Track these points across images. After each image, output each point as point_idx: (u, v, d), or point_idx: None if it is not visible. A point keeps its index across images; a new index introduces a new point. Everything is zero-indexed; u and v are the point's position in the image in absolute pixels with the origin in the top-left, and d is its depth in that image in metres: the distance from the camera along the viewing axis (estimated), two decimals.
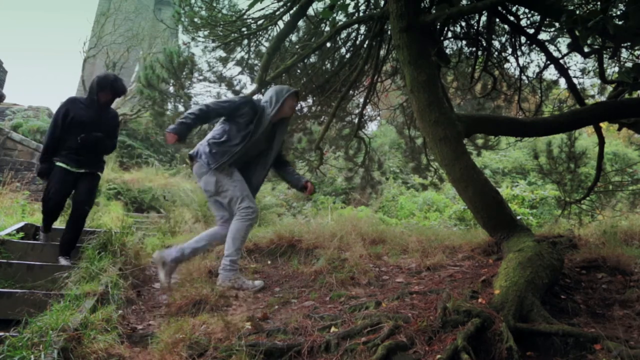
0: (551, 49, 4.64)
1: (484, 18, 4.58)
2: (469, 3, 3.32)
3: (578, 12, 2.71)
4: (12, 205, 6.45)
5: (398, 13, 3.08)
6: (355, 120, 5.77)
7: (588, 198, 5.09)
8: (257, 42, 5.47)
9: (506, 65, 5.43)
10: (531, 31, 4.41)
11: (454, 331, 1.97)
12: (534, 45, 4.68)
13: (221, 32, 5.14)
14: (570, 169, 5.30)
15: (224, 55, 5.59)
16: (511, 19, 4.35)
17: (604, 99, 5.22)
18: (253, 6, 4.19)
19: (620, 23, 2.20)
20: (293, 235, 4.13)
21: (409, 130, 6.17)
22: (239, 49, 5.52)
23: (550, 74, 8.84)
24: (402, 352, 1.92)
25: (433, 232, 4.49)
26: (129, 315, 2.78)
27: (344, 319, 2.33)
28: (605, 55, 4.29)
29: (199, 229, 6.73)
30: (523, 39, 4.79)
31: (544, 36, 4.83)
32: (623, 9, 2.32)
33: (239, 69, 5.64)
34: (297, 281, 3.34)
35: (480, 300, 2.34)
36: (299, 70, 5.39)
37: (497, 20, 4.56)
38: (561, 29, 3.96)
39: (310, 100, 5.72)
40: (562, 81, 5.27)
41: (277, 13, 4.93)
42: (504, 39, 5.09)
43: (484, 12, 4.36)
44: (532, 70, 10.89)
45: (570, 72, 4.60)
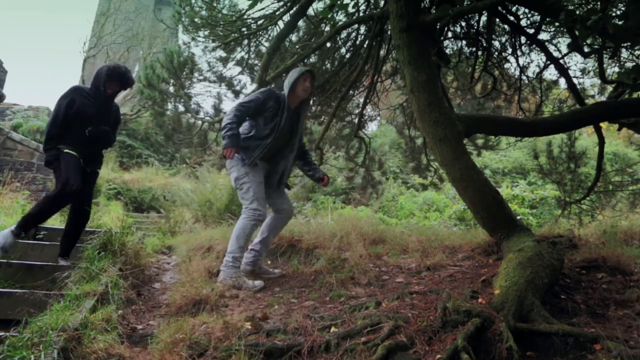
0: (551, 49, 4.65)
1: (484, 18, 4.59)
2: (469, 3, 3.32)
3: (578, 12, 2.71)
4: (12, 205, 6.45)
5: (398, 13, 3.08)
6: (355, 120, 5.77)
7: (588, 198, 5.09)
8: (257, 42, 5.47)
9: (506, 65, 5.43)
10: (531, 31, 4.41)
11: (454, 331, 1.97)
12: (534, 45, 4.68)
13: (221, 32, 5.14)
14: (570, 169, 5.30)
15: (224, 55, 5.59)
16: (511, 19, 4.35)
17: (604, 99, 5.22)
18: (254, 6, 4.19)
19: (620, 23, 2.20)
20: (293, 235, 4.13)
21: (409, 130, 6.17)
22: (239, 49, 5.52)
23: (550, 74, 8.86)
24: (402, 352, 1.92)
25: (433, 232, 4.49)
26: (129, 315, 2.78)
27: (344, 319, 2.33)
28: (605, 55, 4.29)
29: (199, 228, 6.73)
30: (523, 39, 4.79)
31: (544, 36, 4.85)
32: (623, 9, 2.32)
33: (239, 69, 5.64)
34: (297, 281, 3.33)
35: (480, 300, 2.34)
36: None
37: (497, 20, 4.56)
38: (560, 27, 3.96)
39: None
40: (562, 81, 5.27)
41: (277, 13, 4.93)
42: (504, 39, 5.10)
43: (484, 12, 4.37)
44: (532, 70, 10.88)
45: (570, 72, 4.61)
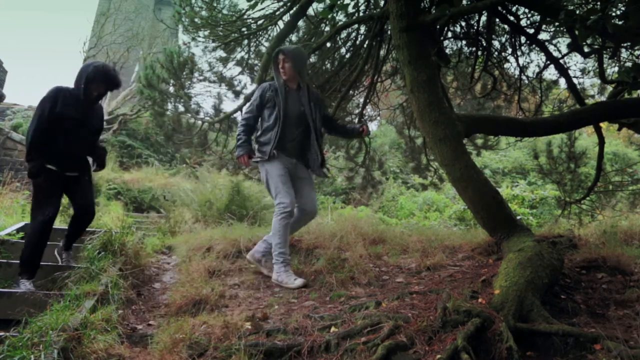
0: (551, 49, 4.65)
1: (484, 18, 4.58)
2: (469, 3, 3.32)
3: (578, 12, 2.71)
4: (12, 205, 6.45)
5: (398, 13, 3.08)
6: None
7: (588, 198, 5.09)
8: (257, 42, 5.47)
9: (506, 65, 5.43)
10: (531, 31, 4.41)
11: (454, 331, 1.97)
12: (534, 45, 4.69)
13: (221, 32, 5.14)
14: (570, 169, 5.30)
15: (224, 55, 5.59)
16: (511, 19, 4.35)
17: (604, 99, 5.22)
18: (254, 7, 4.19)
19: (620, 23, 2.21)
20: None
21: (409, 130, 6.17)
22: (239, 49, 5.52)
23: (550, 74, 8.82)
24: (402, 352, 1.92)
25: (433, 232, 4.49)
26: (129, 315, 2.78)
27: (344, 319, 2.33)
28: (605, 55, 4.29)
29: (199, 228, 6.73)
30: (523, 39, 4.79)
31: (544, 36, 4.84)
32: (623, 9, 2.32)
33: (239, 69, 5.64)
34: None
35: (480, 300, 2.34)
36: None
37: (497, 20, 4.56)
38: (560, 27, 3.96)
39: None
40: (562, 81, 5.27)
41: (277, 13, 4.93)
42: (504, 39, 5.10)
43: (484, 12, 4.36)
44: (532, 70, 10.88)
45: (570, 72, 4.61)
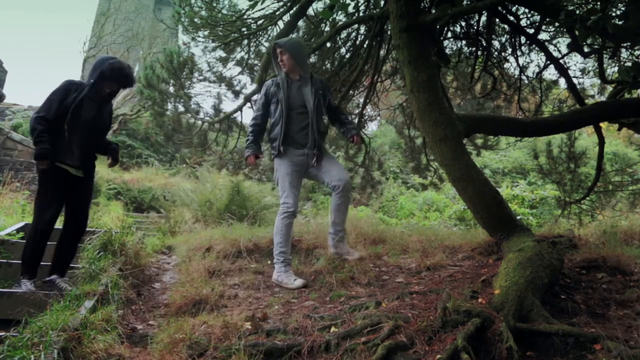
0: (551, 49, 4.65)
1: (484, 18, 4.58)
2: (468, 3, 3.32)
3: (578, 12, 2.71)
4: (12, 205, 6.45)
5: (398, 13, 3.08)
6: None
7: (588, 198, 5.09)
8: (257, 42, 5.47)
9: (506, 65, 5.43)
10: (531, 31, 4.41)
11: (454, 331, 1.97)
12: (534, 45, 4.69)
13: (221, 32, 5.14)
14: (570, 169, 5.30)
15: (224, 55, 5.59)
16: (511, 19, 4.35)
17: (604, 99, 5.22)
18: (254, 7, 4.19)
19: (620, 23, 2.20)
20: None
21: (409, 130, 6.17)
22: (239, 49, 5.52)
23: (550, 74, 8.81)
24: (402, 352, 1.92)
25: (433, 232, 4.49)
26: (129, 315, 2.78)
27: (344, 319, 2.33)
28: (605, 55, 4.29)
29: (199, 228, 6.73)
30: (523, 39, 4.79)
31: (544, 36, 4.84)
32: (623, 9, 2.32)
33: (239, 69, 5.64)
34: None
35: (480, 300, 2.34)
36: None
37: (497, 20, 4.56)
38: (560, 27, 3.96)
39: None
40: (562, 81, 5.27)
41: (277, 13, 4.93)
42: (504, 39, 5.10)
43: (483, 12, 4.36)
44: (532, 70, 10.87)
45: (570, 72, 4.61)
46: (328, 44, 5.09)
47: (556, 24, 4.32)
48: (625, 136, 15.13)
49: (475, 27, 4.71)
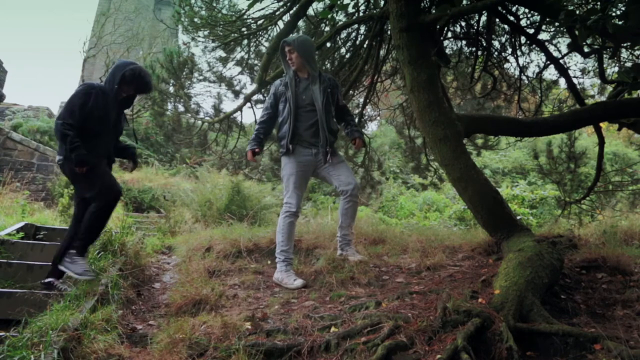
0: (551, 49, 4.65)
1: (484, 18, 4.59)
2: (468, 3, 3.32)
3: (578, 12, 2.71)
4: (12, 205, 6.45)
5: (398, 13, 3.08)
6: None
7: (588, 198, 5.09)
8: (257, 42, 5.47)
9: (506, 65, 5.43)
10: (531, 31, 4.41)
11: (454, 331, 1.97)
12: (534, 45, 4.69)
13: (221, 32, 5.15)
14: (570, 169, 5.30)
15: (224, 55, 5.59)
16: (511, 19, 4.35)
17: (604, 99, 5.22)
18: (252, 6, 4.19)
19: (620, 23, 2.21)
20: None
21: (409, 130, 6.17)
22: (239, 49, 5.53)
23: (550, 74, 8.84)
24: (402, 352, 1.92)
25: (433, 232, 4.49)
26: (129, 315, 2.78)
27: (344, 319, 2.33)
28: (605, 55, 4.29)
29: (199, 228, 6.73)
30: (523, 39, 4.79)
31: (544, 36, 4.84)
32: (623, 9, 2.32)
33: (239, 69, 5.65)
34: None
35: (480, 300, 2.34)
36: None
37: (497, 20, 4.56)
38: (560, 27, 3.96)
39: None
40: (562, 81, 5.27)
41: (277, 13, 4.93)
42: (504, 39, 5.10)
43: (484, 12, 4.37)
44: (532, 70, 10.89)
45: (570, 72, 4.61)
46: (328, 44, 5.09)
47: (556, 24, 4.32)
48: (625, 136, 15.12)
49: (475, 27, 4.71)
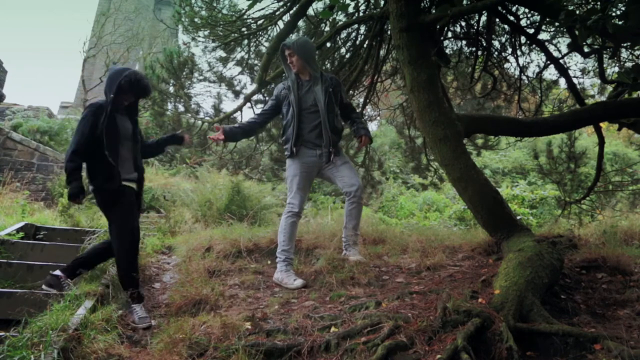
0: (551, 49, 4.65)
1: (484, 18, 4.59)
2: (468, 3, 3.32)
3: (578, 12, 2.71)
4: (12, 205, 6.45)
5: (398, 13, 3.08)
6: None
7: (588, 198, 5.09)
8: (257, 42, 5.47)
9: (506, 65, 5.44)
10: (531, 31, 4.41)
11: (454, 331, 1.97)
12: (534, 45, 4.69)
13: (221, 32, 5.15)
14: (570, 169, 5.30)
15: (224, 55, 5.60)
16: (511, 19, 4.35)
17: (604, 99, 5.22)
18: (253, 6, 4.19)
19: (620, 23, 2.21)
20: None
21: (409, 130, 6.17)
22: (239, 49, 5.53)
23: (550, 74, 8.84)
24: (402, 352, 1.92)
25: (433, 232, 4.49)
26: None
27: (344, 319, 2.33)
28: (605, 55, 4.29)
29: (199, 228, 6.72)
30: (523, 39, 4.79)
31: (544, 36, 4.84)
32: (623, 9, 2.32)
33: (239, 69, 5.65)
34: None
35: (480, 300, 2.34)
36: None
37: (497, 20, 4.56)
38: (560, 27, 3.96)
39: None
40: (562, 81, 5.27)
41: (277, 13, 4.94)
42: (504, 39, 5.10)
43: (483, 12, 4.37)
44: (532, 70, 10.90)
45: (570, 72, 4.61)
46: (328, 44, 5.10)
47: (556, 24, 4.32)
48: (625, 136, 15.11)
49: (475, 27, 4.71)
